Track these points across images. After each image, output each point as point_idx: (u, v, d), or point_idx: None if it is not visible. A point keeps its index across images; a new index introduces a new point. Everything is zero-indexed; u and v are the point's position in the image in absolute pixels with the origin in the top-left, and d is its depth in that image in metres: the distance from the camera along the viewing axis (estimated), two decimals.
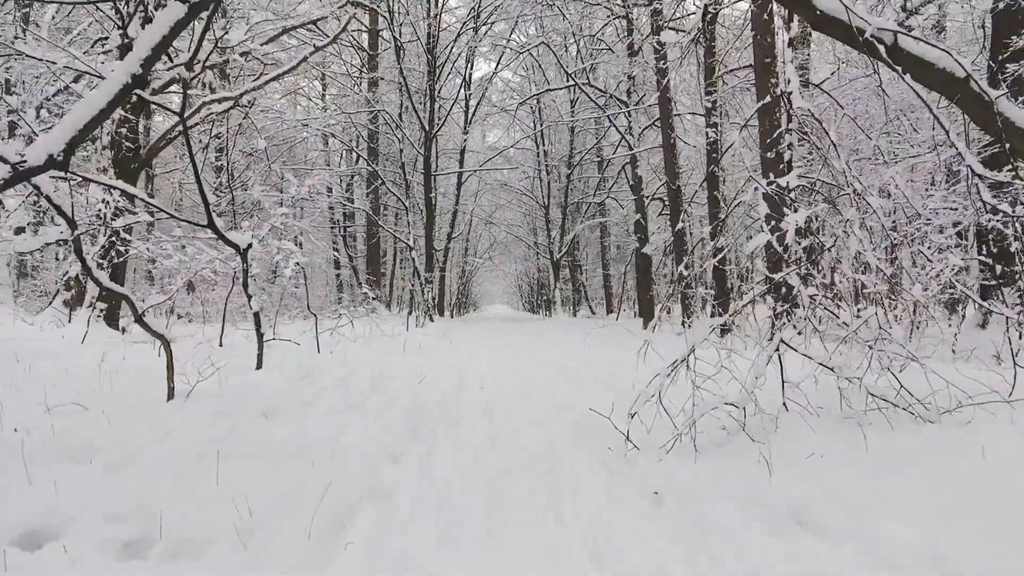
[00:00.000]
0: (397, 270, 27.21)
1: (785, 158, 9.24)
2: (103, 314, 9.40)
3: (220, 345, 7.60)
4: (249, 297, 5.33)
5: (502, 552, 2.07)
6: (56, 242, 8.25)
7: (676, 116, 13.54)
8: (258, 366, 5.30)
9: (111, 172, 9.80)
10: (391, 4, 18.85)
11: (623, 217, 23.68)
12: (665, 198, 17.18)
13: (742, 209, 15.67)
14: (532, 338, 12.12)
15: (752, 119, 10.98)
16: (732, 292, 10.28)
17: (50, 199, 3.48)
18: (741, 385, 3.41)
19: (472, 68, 22.97)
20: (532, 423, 3.94)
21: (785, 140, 9.41)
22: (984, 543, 1.96)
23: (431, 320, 19.30)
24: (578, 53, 19.25)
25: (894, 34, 3.53)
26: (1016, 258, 3.86)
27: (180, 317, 16.81)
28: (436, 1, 20.40)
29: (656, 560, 2.02)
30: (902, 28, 3.81)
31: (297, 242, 26.28)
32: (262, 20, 10.54)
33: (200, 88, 11.64)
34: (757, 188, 3.69)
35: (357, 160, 24.20)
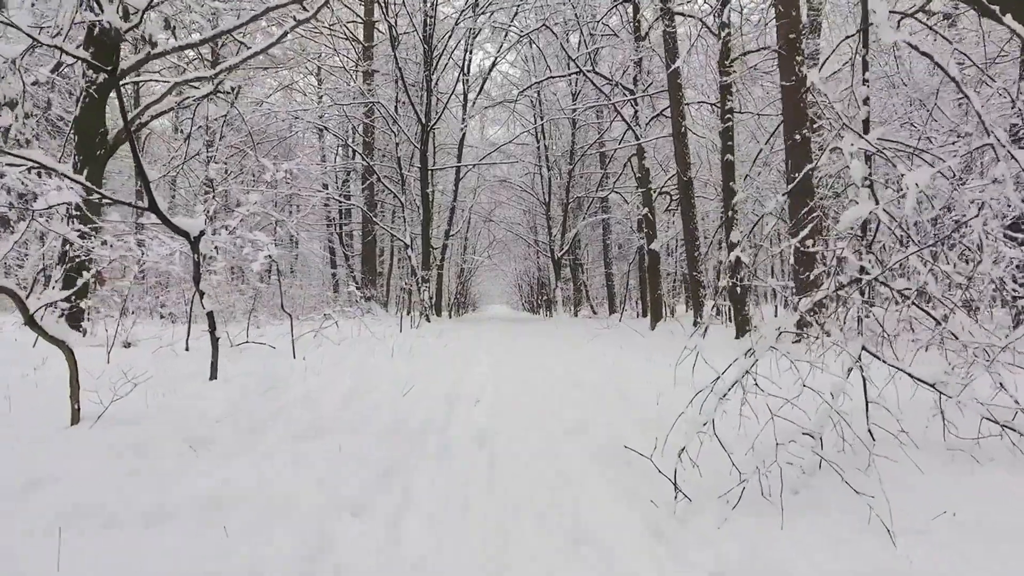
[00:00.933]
0: (395, 269, 26.37)
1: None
2: (64, 315, 8.56)
3: (186, 349, 6.75)
4: (201, 294, 4.50)
5: None
6: None
7: (686, 106, 12.70)
8: (212, 376, 4.46)
9: (75, 159, 8.97)
10: None
11: (627, 214, 22.85)
12: (672, 192, 16.36)
13: (753, 201, 14.85)
14: (534, 340, 11.28)
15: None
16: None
17: None
18: (829, 405, 2.58)
19: (471, 52, 22.10)
20: (541, 455, 3.10)
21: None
22: None
23: (428, 321, 18.46)
24: (581, 39, 18.41)
25: None
26: None
27: (163, 317, 15.97)
28: None
29: None
30: None
31: (292, 239, 25.49)
32: None
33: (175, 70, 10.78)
34: (837, 149, 2.86)
35: (353, 156, 23.37)
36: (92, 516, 1.94)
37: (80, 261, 8.14)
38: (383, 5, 18.29)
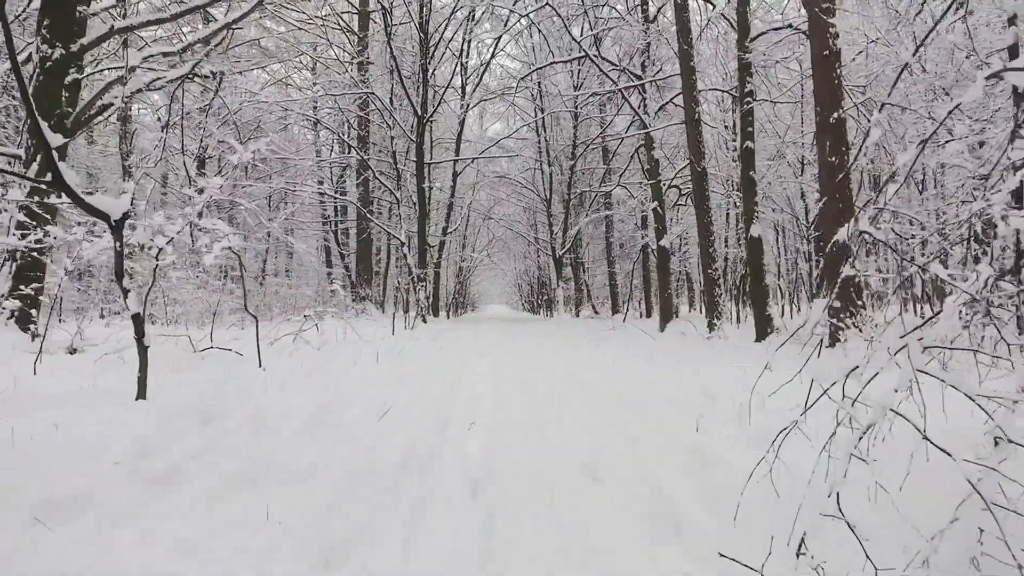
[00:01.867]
0: (392, 268, 25.49)
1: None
2: (14, 315, 7.70)
3: None
4: (125, 292, 3.64)
5: None
6: None
7: (697, 93, 11.83)
8: (139, 395, 3.59)
9: (28, 144, 8.10)
10: None
11: (631, 210, 22.00)
12: (682, 186, 15.51)
13: (777, 190, 13.99)
14: (536, 341, 10.41)
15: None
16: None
17: None
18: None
19: (469, 40, 21.20)
20: (556, 512, 2.24)
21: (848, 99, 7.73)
22: None
23: (424, 321, 17.59)
24: (585, 22, 17.54)
25: None
26: None
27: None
28: None
29: None
30: None
31: (288, 231, 24.58)
32: None
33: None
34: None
35: (348, 150, 22.49)
36: None
37: (31, 258, 7.30)
38: None
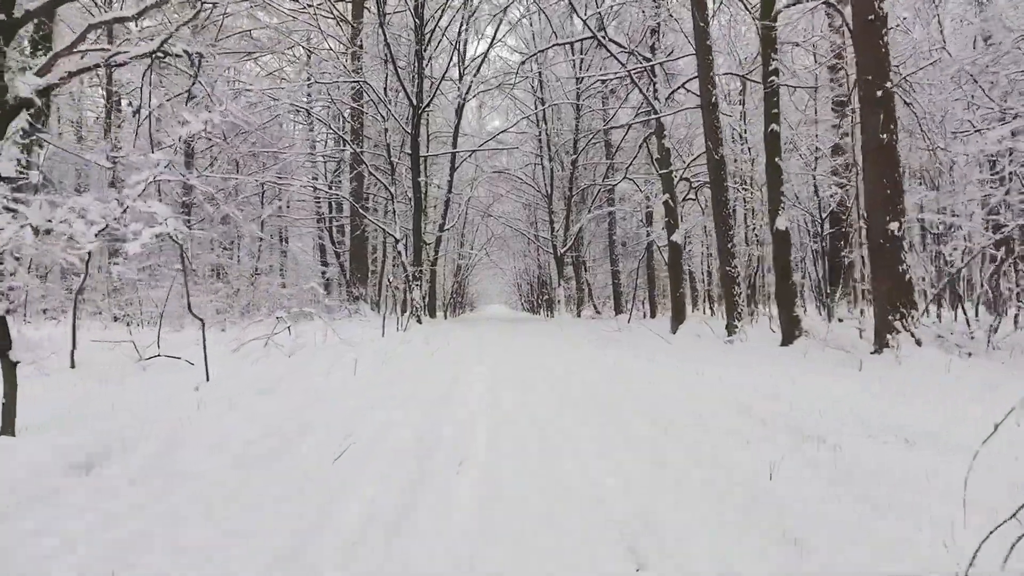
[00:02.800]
0: (388, 267, 24.55)
1: None
2: None
3: (72, 366, 4.98)
4: None
5: None
6: None
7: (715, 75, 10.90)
8: (4, 428, 2.66)
9: None
10: None
11: (636, 205, 21.09)
12: (692, 178, 14.61)
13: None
14: (538, 343, 9.50)
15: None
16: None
17: None
18: None
19: (469, 20, 20.28)
20: None
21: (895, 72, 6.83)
22: None
23: (419, 322, 16.70)
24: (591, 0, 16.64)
25: None
26: None
27: (117, 319, 14.14)
28: None
29: None
30: None
31: (283, 229, 23.62)
32: None
33: None
34: None
35: (341, 143, 21.56)
36: None
37: None
38: None
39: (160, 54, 9.40)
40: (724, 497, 2.24)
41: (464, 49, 21.38)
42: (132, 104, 12.11)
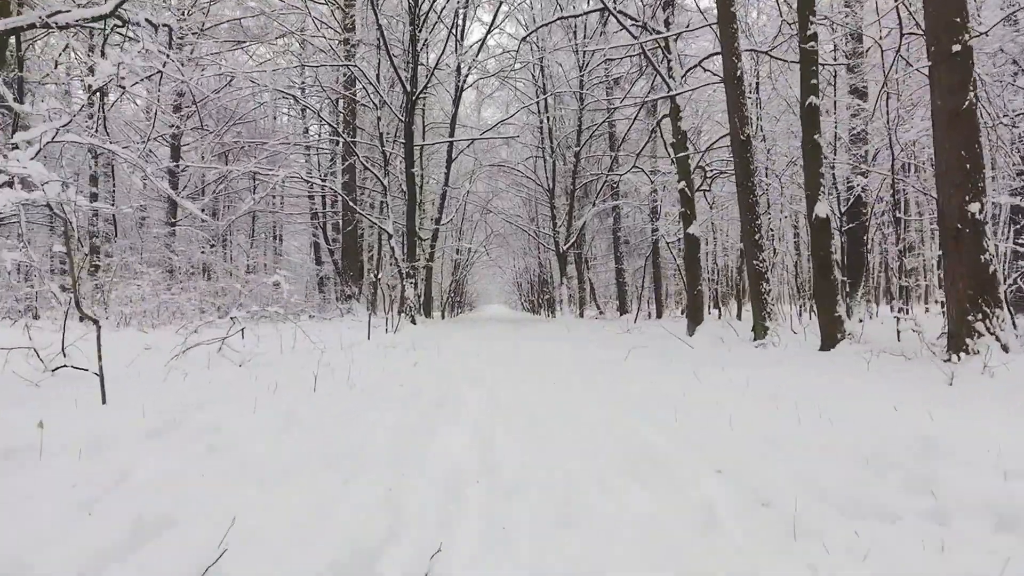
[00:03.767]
0: (384, 264, 23.41)
1: None
2: None
3: None
4: None
5: None
6: None
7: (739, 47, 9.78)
8: None
9: None
10: None
11: (643, 199, 19.96)
12: (707, 166, 13.49)
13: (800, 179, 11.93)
14: (543, 350, 8.37)
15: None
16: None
17: None
18: None
19: (466, 5, 19.14)
20: None
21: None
22: None
23: (412, 323, 15.58)
24: None
25: None
26: None
27: (83, 320, 13.03)
28: None
29: None
30: None
31: (277, 226, 22.39)
32: None
33: None
34: None
35: (335, 135, 20.43)
36: None
37: None
38: None
39: (117, 21, 8.12)
40: None
41: (462, 34, 20.27)
42: (83, 81, 10.95)
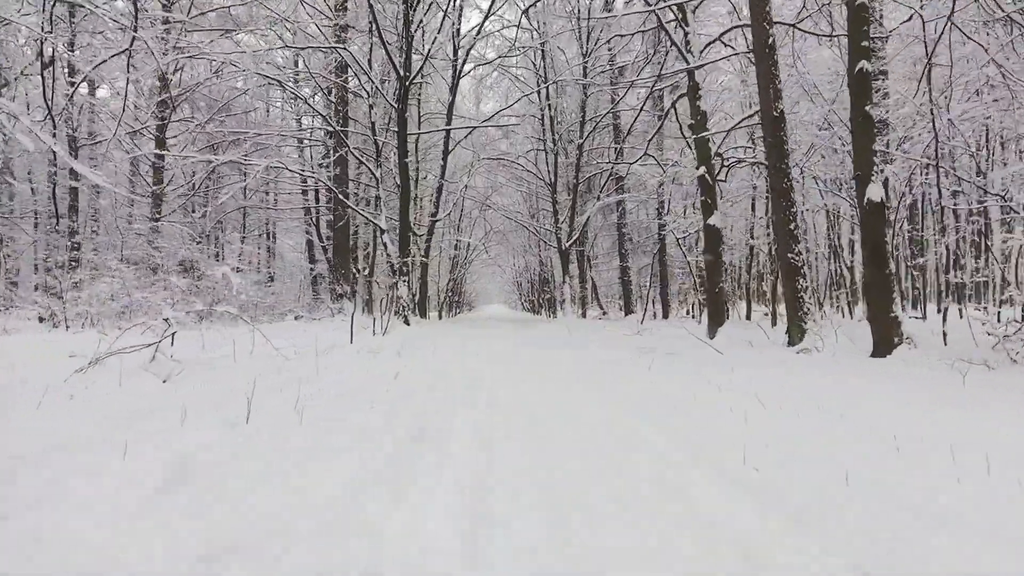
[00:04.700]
0: (379, 261, 22.30)
1: None
2: None
3: None
4: None
5: None
6: None
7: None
8: None
9: None
10: None
11: (650, 193, 18.84)
12: (725, 153, 12.40)
13: (819, 169, 10.87)
14: (551, 358, 7.26)
15: None
16: None
17: None
18: None
19: None
20: None
21: None
22: None
23: (406, 323, 14.50)
24: None
25: None
26: None
27: (43, 320, 11.98)
28: None
29: None
30: None
31: (271, 223, 21.31)
32: None
33: None
34: None
35: (325, 124, 19.33)
36: None
37: None
38: None
39: None
40: None
41: (459, 16, 19.17)
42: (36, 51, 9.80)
